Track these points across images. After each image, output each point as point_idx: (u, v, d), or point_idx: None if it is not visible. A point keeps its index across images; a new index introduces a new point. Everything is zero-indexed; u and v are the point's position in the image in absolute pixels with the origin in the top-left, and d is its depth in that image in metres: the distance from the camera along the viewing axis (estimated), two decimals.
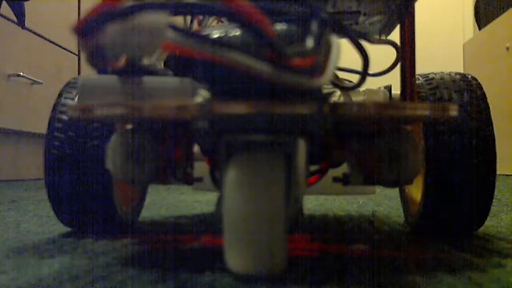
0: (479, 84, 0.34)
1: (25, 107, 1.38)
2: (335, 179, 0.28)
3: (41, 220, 0.45)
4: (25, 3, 1.16)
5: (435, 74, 0.35)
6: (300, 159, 0.21)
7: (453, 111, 0.22)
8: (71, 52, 1.65)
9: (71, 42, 1.66)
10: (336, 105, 0.21)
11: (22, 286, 0.22)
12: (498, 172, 0.34)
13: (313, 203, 0.59)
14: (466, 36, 4.08)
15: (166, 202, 0.63)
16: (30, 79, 1.37)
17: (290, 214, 0.21)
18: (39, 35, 1.45)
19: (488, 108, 0.32)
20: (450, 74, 0.35)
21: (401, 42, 0.32)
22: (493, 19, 1.89)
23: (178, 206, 0.58)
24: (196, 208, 0.55)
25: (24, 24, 1.19)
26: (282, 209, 0.20)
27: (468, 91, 0.33)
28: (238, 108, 0.20)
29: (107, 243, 0.32)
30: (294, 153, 0.21)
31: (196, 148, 0.28)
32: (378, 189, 0.50)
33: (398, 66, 0.33)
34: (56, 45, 1.55)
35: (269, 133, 0.20)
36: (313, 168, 0.29)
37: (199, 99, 0.23)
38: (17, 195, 0.77)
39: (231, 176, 0.21)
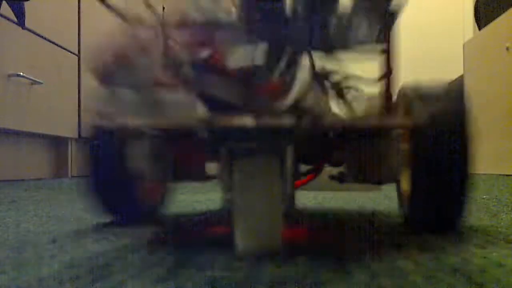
0: (461, 94, 0.36)
1: (25, 107, 1.38)
2: (332, 177, 0.34)
3: (41, 220, 0.45)
4: (25, 3, 1.16)
5: (422, 84, 0.36)
6: (288, 160, 0.26)
7: (420, 121, 0.26)
8: (71, 52, 1.65)
9: (71, 42, 1.66)
10: (313, 118, 0.26)
11: (22, 286, 0.22)
12: (498, 172, 0.34)
13: (313, 203, 0.59)
14: (466, 36, 4.08)
15: None
16: (30, 79, 1.37)
17: (284, 208, 0.25)
18: (39, 35, 1.45)
19: (467, 117, 0.35)
20: (435, 85, 0.37)
21: (384, 66, 0.35)
22: (493, 19, 1.89)
23: (178, 206, 0.58)
24: (196, 208, 0.55)
25: (24, 24, 1.19)
26: (278, 203, 0.25)
27: (448, 102, 0.35)
28: (235, 121, 0.24)
29: (107, 243, 0.32)
30: (282, 156, 0.26)
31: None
32: (378, 189, 0.50)
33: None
34: (56, 45, 1.55)
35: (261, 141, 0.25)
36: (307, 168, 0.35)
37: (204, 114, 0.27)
38: (17, 195, 0.77)
39: (238, 177, 0.25)
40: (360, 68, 0.34)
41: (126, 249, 0.30)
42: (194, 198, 0.69)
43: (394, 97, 0.35)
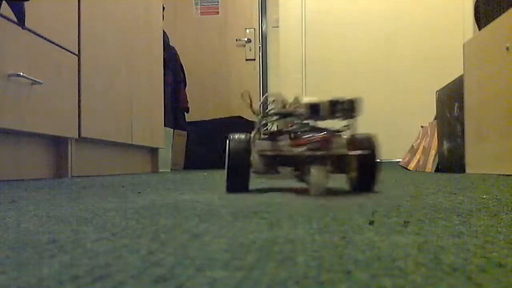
0: (373, 138, 0.78)
1: (25, 107, 1.38)
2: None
3: (41, 220, 0.45)
4: (25, 3, 1.16)
5: (358, 134, 0.78)
6: (327, 166, 0.71)
7: (359, 152, 0.75)
8: (71, 52, 1.65)
9: (71, 42, 1.66)
10: (330, 152, 0.72)
11: (22, 286, 0.22)
12: (498, 172, 0.34)
13: (313, 203, 0.59)
14: (466, 36, 4.07)
15: (166, 202, 0.63)
16: (30, 79, 1.37)
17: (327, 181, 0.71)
18: (39, 35, 1.45)
19: (375, 147, 0.77)
20: (364, 135, 0.79)
21: (350, 129, 0.78)
22: (493, 19, 1.89)
23: (178, 206, 0.58)
24: (197, 208, 0.55)
25: (24, 24, 1.19)
26: (326, 179, 0.69)
27: (368, 143, 0.77)
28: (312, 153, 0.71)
29: (107, 243, 0.32)
30: (327, 164, 0.71)
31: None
32: (379, 190, 0.75)
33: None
34: (56, 45, 1.55)
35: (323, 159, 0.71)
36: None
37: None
38: (17, 195, 0.77)
39: (312, 170, 0.69)
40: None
41: (126, 249, 0.30)
42: (194, 198, 0.69)
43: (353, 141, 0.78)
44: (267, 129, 0.82)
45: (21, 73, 1.34)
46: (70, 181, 1.35)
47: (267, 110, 0.83)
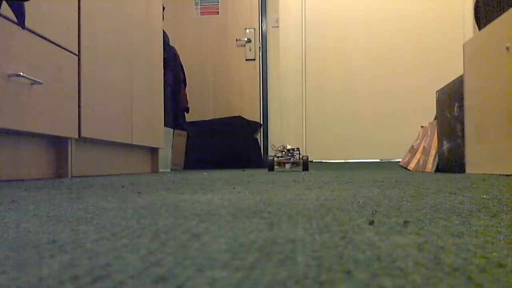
0: (307, 155, 2.73)
1: (25, 107, 1.38)
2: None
3: (41, 220, 0.45)
4: (25, 3, 1.16)
5: (303, 155, 2.77)
6: (292, 164, 2.73)
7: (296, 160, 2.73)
8: (71, 52, 1.65)
9: (71, 42, 1.66)
10: (294, 160, 2.71)
11: (22, 286, 0.22)
12: (498, 172, 0.34)
13: (313, 203, 0.59)
14: (466, 36, 4.06)
15: (166, 202, 0.63)
16: (30, 79, 1.37)
17: (291, 168, 2.73)
18: (39, 35, 1.45)
19: (307, 159, 2.70)
20: (303, 155, 2.74)
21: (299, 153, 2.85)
22: (493, 19, 1.89)
23: (178, 206, 0.58)
24: (196, 208, 0.55)
25: (24, 24, 1.19)
26: (290, 167, 2.68)
27: (305, 157, 2.72)
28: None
29: (107, 243, 0.32)
30: (291, 163, 2.72)
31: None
32: (378, 189, 0.68)
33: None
34: (56, 45, 1.55)
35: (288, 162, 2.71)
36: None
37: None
38: (17, 195, 0.77)
39: (287, 165, 2.71)
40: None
41: (126, 249, 0.30)
42: (194, 198, 0.69)
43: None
44: (277, 155, 2.64)
45: (21, 73, 1.34)
46: (70, 181, 1.35)
47: (278, 149, 2.65)
